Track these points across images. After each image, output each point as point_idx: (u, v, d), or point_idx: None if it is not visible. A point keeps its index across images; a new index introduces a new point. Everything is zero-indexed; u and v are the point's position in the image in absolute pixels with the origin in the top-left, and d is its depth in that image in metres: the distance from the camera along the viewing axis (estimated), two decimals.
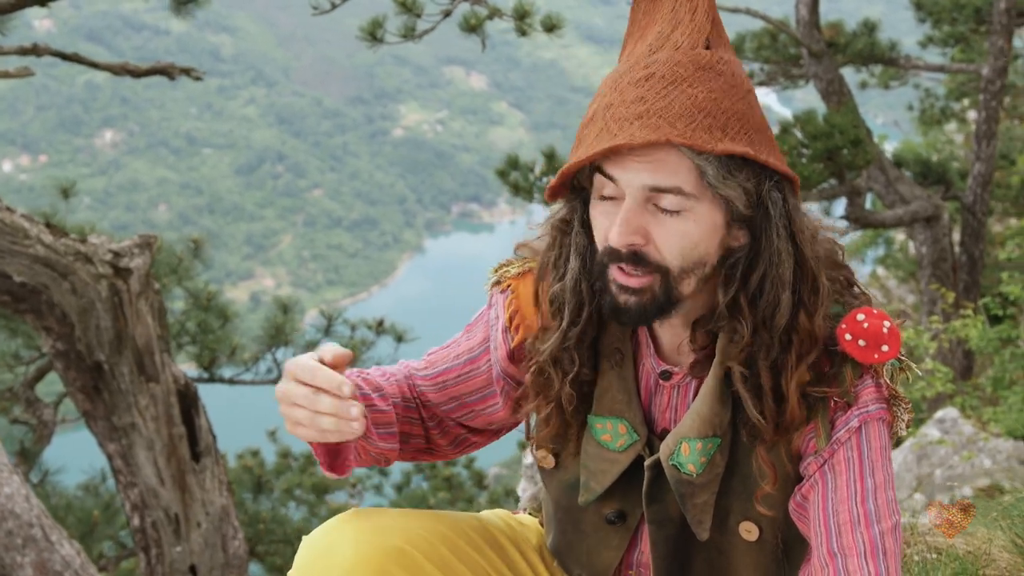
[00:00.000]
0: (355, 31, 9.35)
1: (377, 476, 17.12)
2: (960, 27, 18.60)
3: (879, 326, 2.41)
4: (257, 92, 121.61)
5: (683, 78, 2.33)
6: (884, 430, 2.48)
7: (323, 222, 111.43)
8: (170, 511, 7.52)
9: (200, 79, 8.90)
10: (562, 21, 9.39)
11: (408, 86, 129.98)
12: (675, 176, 2.31)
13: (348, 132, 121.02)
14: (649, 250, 2.36)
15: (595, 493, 2.69)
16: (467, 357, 2.82)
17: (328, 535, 2.66)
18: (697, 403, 2.53)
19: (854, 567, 2.40)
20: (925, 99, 25.75)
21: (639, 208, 2.34)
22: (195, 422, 7.67)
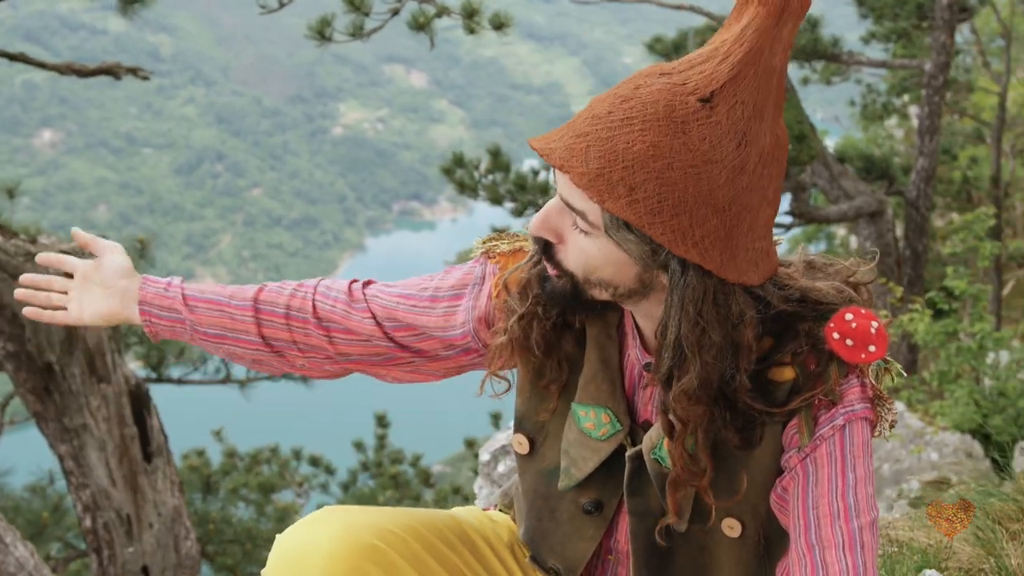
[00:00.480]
0: (296, 30, 9.32)
1: (323, 475, 17.10)
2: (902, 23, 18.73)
3: (867, 326, 2.41)
4: (196, 92, 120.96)
5: (642, 120, 2.25)
6: (867, 429, 2.50)
7: (263, 221, 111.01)
8: (122, 512, 7.47)
9: (147, 79, 8.85)
10: (510, 19, 9.39)
11: (348, 84, 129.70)
12: (584, 202, 2.29)
13: (288, 131, 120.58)
14: (559, 250, 2.39)
15: (575, 479, 2.70)
16: (431, 293, 2.82)
17: (302, 534, 2.64)
18: None
19: (832, 559, 2.41)
20: (867, 95, 25.94)
21: (559, 211, 2.35)
22: (147, 422, 7.62)
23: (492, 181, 16.00)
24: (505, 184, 16.04)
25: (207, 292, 2.87)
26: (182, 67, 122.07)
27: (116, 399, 7.37)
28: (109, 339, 7.35)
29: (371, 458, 16.97)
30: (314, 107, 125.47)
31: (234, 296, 2.87)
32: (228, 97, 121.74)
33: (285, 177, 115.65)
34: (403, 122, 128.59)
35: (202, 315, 2.85)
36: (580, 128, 2.29)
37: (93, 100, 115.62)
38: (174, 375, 10.38)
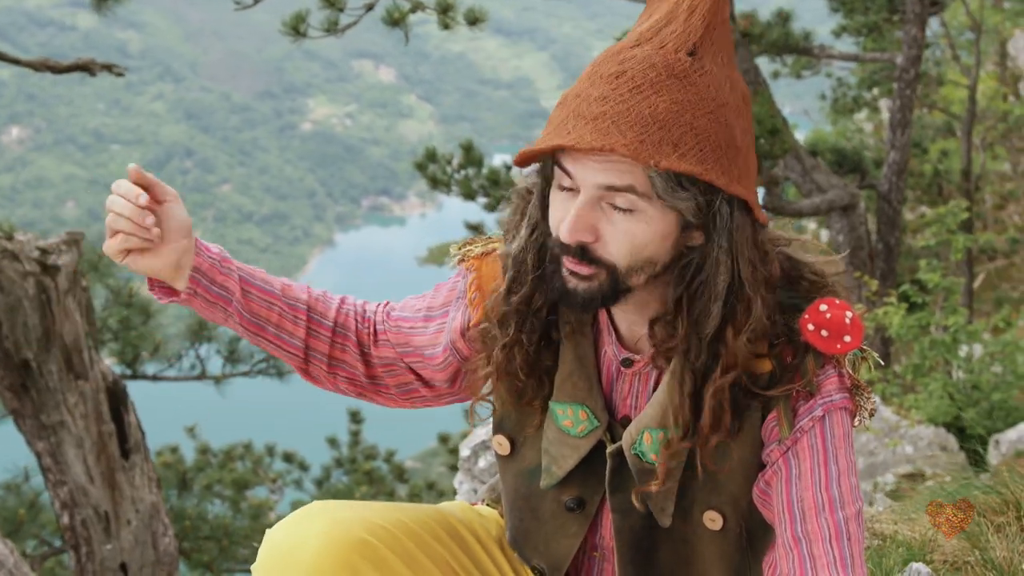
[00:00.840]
0: (265, 26, 9.34)
1: (297, 472, 17.07)
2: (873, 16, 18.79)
3: (841, 316, 2.43)
4: (165, 88, 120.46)
5: (650, 83, 2.32)
6: (847, 419, 2.52)
7: (233, 217, 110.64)
8: (100, 509, 7.45)
9: (121, 75, 8.82)
10: (484, 14, 9.37)
11: (317, 80, 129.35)
12: (628, 176, 2.32)
13: (257, 127, 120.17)
14: (597, 247, 2.38)
15: (556, 478, 2.71)
16: (424, 314, 2.85)
17: (291, 529, 2.64)
18: (659, 393, 2.55)
19: (819, 551, 2.42)
20: (838, 88, 26.04)
21: (592, 205, 2.36)
22: (124, 419, 7.61)
23: (465, 176, 16.00)
24: (478, 179, 16.03)
25: (256, 278, 2.80)
26: (150, 63, 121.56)
27: (94, 396, 7.35)
28: (86, 335, 7.33)
29: (345, 454, 16.96)
30: (283, 103, 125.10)
31: (286, 293, 2.82)
32: (197, 93, 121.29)
33: (254, 173, 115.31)
34: (372, 117, 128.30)
35: (254, 303, 2.78)
36: (591, 111, 2.31)
37: (61, 97, 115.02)
38: (149, 372, 10.35)
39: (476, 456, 5.35)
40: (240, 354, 10.54)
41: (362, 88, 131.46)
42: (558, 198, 2.43)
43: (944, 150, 25.21)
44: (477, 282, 2.77)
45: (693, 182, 2.33)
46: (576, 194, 2.38)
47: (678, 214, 2.38)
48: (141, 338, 10.16)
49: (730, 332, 2.44)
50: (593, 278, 2.40)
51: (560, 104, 2.41)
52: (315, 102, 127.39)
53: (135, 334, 10.13)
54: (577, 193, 2.37)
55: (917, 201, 24.27)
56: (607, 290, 2.41)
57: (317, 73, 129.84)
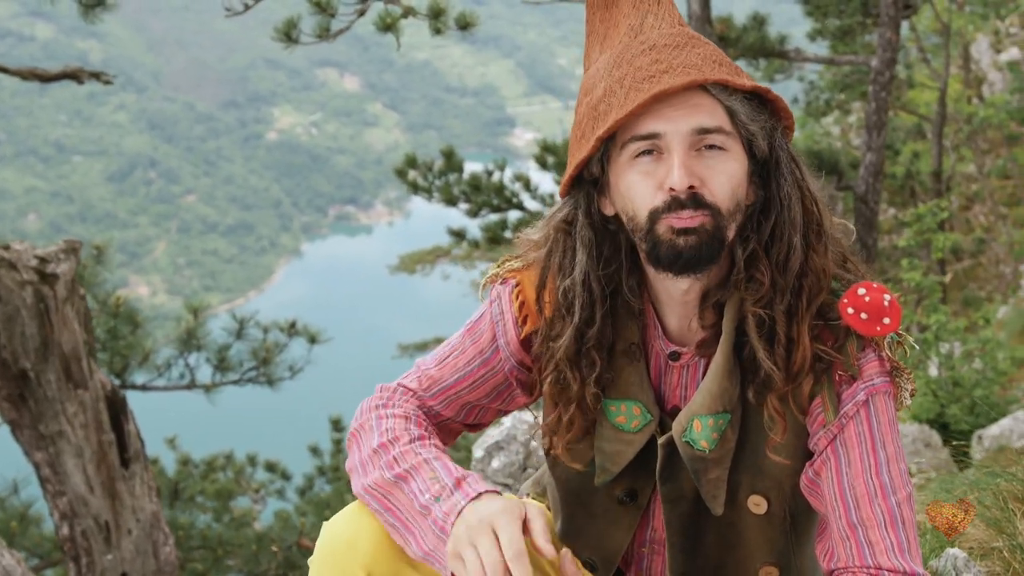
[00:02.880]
0: (228, 35, 9.33)
1: (279, 481, 16.99)
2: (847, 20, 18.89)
3: (880, 299, 2.49)
4: (127, 98, 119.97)
5: (683, 44, 2.48)
6: (890, 403, 2.57)
7: (198, 228, 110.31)
8: (100, 519, 7.42)
9: (110, 83, 8.81)
10: (475, 18, 9.42)
11: (282, 89, 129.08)
12: (715, 116, 2.45)
13: (221, 136, 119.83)
14: (704, 192, 2.45)
15: (611, 474, 2.75)
16: (480, 360, 2.84)
17: (350, 521, 2.68)
18: (707, 381, 2.60)
19: (876, 537, 2.48)
20: (810, 91, 26.18)
21: (689, 153, 2.45)
22: (124, 428, 7.58)
23: (445, 182, 16.04)
24: (459, 185, 16.08)
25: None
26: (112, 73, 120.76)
27: (93, 405, 7.32)
28: (84, 344, 7.30)
29: (328, 463, 16.90)
30: (247, 112, 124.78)
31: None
32: (160, 103, 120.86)
33: (219, 183, 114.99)
34: (337, 126, 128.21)
35: None
36: (655, 71, 2.44)
37: (21, 108, 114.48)
38: (138, 381, 10.31)
39: (490, 457, 5.37)
40: (230, 362, 10.52)
41: (327, 97, 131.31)
42: (638, 171, 2.49)
43: (916, 152, 25.36)
44: (522, 295, 2.79)
45: (760, 112, 2.50)
46: (660, 156, 2.46)
47: (749, 157, 2.51)
48: (130, 348, 10.12)
49: (813, 257, 2.54)
50: (699, 230, 2.45)
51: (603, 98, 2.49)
52: (280, 111, 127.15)
53: (123, 344, 10.09)
54: (662, 154, 2.46)
55: (889, 203, 24.41)
56: (717, 238, 2.47)
57: (282, 82, 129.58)
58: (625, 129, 2.47)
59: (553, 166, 15.99)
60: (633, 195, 2.50)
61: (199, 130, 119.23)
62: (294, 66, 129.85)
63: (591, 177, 2.58)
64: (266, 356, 10.55)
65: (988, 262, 24.76)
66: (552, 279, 2.68)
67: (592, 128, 2.49)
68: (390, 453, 2.63)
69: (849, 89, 24.68)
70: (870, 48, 20.96)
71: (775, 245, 2.52)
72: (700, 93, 2.44)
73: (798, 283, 2.52)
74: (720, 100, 2.45)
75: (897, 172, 23.71)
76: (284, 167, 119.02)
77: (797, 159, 2.57)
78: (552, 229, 2.67)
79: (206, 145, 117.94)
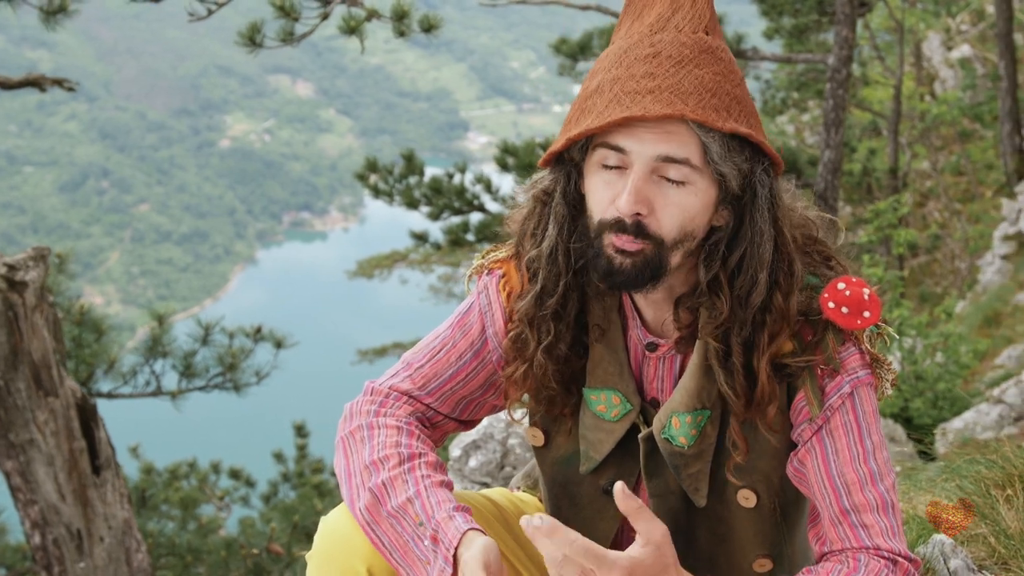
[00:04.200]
0: (179, 42, 9.29)
1: (244, 488, 16.93)
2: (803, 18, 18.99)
3: (860, 293, 2.53)
4: (78, 107, 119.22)
5: (689, 59, 2.46)
6: (872, 394, 2.62)
7: (152, 237, 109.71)
8: (72, 527, 7.38)
9: (73, 90, 8.78)
10: (439, 21, 9.43)
11: (234, 96, 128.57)
12: (685, 148, 2.44)
13: (174, 145, 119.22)
14: (650, 221, 2.47)
15: (595, 462, 2.79)
16: (471, 353, 2.85)
17: (347, 516, 2.70)
18: (685, 378, 2.65)
19: (871, 520, 2.54)
20: (766, 90, 26.30)
21: (646, 178, 2.46)
22: (95, 435, 7.54)
23: (407, 185, 16.04)
24: (420, 188, 16.09)
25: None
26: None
27: (64, 412, 7.28)
28: (54, 351, 7.26)
29: (292, 469, 16.85)
30: (200, 120, 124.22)
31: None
32: (111, 112, 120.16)
33: (173, 191, 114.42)
34: (290, 132, 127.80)
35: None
36: (642, 87, 2.43)
37: None
38: (103, 389, 10.24)
39: (467, 456, 5.38)
40: (196, 368, 10.46)
41: (280, 103, 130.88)
42: (601, 179, 2.52)
43: (872, 149, 25.51)
44: (509, 284, 2.82)
45: (739, 150, 2.48)
46: (624, 171, 2.48)
47: (719, 188, 2.50)
48: (95, 356, 10.04)
49: (777, 297, 2.55)
50: (638, 254, 2.47)
51: (593, 93, 2.50)
52: (232, 118, 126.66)
53: (88, 352, 10.02)
54: (626, 170, 2.47)
55: (846, 200, 24.54)
56: (653, 265, 2.49)
57: (234, 89, 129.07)
58: (600, 131, 2.49)
59: (514, 167, 16.01)
60: (592, 199, 2.55)
61: (151, 139, 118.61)
62: (246, 73, 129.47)
63: (571, 160, 2.61)
64: (232, 362, 10.50)
65: (944, 258, 24.93)
66: (524, 243, 2.72)
67: (576, 121, 2.51)
68: (379, 475, 2.63)
69: (804, 87, 24.83)
70: (824, 46, 21.10)
71: (739, 277, 2.55)
72: (678, 121, 2.44)
73: (761, 317, 2.55)
74: (697, 134, 2.45)
75: (854, 169, 23.86)
76: (238, 174, 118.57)
77: (777, 197, 2.57)
78: (532, 197, 2.71)
79: (159, 154, 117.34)
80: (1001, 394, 9.75)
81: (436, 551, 2.50)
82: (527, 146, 16.24)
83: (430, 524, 2.53)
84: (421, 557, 2.53)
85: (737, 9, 23.58)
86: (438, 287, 32.78)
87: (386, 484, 2.61)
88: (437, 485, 2.62)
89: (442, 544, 2.49)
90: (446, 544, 2.48)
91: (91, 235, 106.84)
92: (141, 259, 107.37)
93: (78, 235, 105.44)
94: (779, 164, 2.55)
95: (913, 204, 26.85)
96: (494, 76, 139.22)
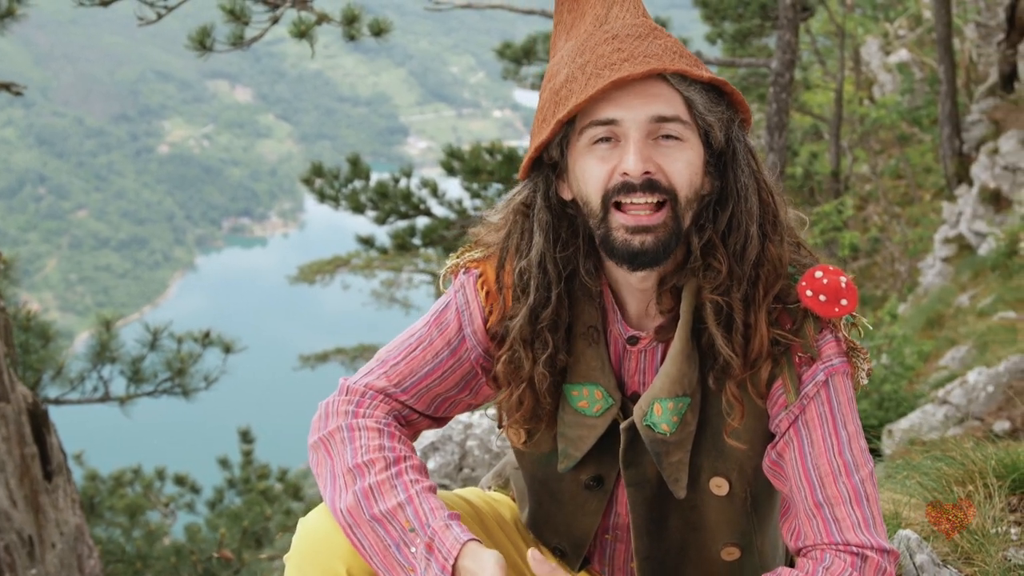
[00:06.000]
0: (116, 48, 9.23)
1: (189, 494, 16.84)
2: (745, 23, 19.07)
3: (837, 281, 2.56)
4: (15, 113, 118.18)
5: (645, 34, 2.56)
6: (848, 382, 2.64)
7: (90, 243, 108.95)
8: (23, 533, 7.33)
9: (20, 94, 8.72)
10: (388, 25, 9.43)
11: (172, 102, 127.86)
12: (673, 105, 2.52)
13: (112, 151, 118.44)
14: (660, 178, 2.51)
15: (574, 459, 2.79)
16: (448, 351, 2.85)
17: (326, 518, 2.70)
18: (666, 365, 2.66)
19: (842, 514, 2.56)
20: None
21: (645, 140, 2.51)
22: (46, 441, 7.50)
23: (352, 190, 16.03)
24: (366, 192, 16.08)
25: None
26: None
27: (15, 418, 7.23)
28: (5, 356, 7.21)
29: (238, 475, 16.78)
30: (138, 125, 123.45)
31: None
32: (48, 118, 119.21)
33: (111, 198, 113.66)
34: (229, 138, 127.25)
35: None
36: (616, 58, 2.51)
37: None
38: (51, 395, 10.18)
39: (426, 457, 5.38)
40: (144, 374, 10.41)
41: (218, 109, 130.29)
42: (594, 156, 2.56)
43: (814, 152, 25.68)
44: (487, 284, 2.81)
45: (717, 103, 2.57)
46: (618, 142, 2.53)
47: (705, 147, 2.58)
48: (42, 362, 9.99)
49: (769, 247, 2.60)
50: (659, 227, 2.52)
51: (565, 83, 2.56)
52: (171, 124, 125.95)
53: (35, 358, 9.97)
54: (619, 141, 2.53)
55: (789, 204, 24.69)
56: (674, 232, 2.54)
57: (172, 95, 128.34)
58: (584, 114, 2.53)
59: (460, 171, 16.02)
60: (588, 178, 2.57)
61: (89, 145, 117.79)
62: (184, 78, 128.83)
63: (550, 161, 2.64)
64: (181, 367, 10.46)
65: (883, 261, 25.11)
66: (510, 260, 2.72)
67: (553, 112, 2.54)
68: (366, 479, 2.63)
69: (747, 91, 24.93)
70: (766, 51, 21.21)
71: (732, 234, 2.58)
72: (659, 82, 2.50)
73: (755, 272, 2.58)
74: (679, 90, 2.51)
75: (796, 173, 24.01)
76: (177, 180, 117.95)
77: (753, 151, 2.63)
78: (511, 212, 2.72)
79: (97, 160, 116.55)
80: (946, 395, 9.83)
81: (430, 559, 2.50)
82: (473, 150, 16.24)
83: (424, 532, 2.53)
84: (404, 564, 2.54)
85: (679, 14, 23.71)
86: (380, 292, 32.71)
87: (372, 488, 2.61)
88: (427, 491, 2.63)
89: (438, 553, 2.50)
90: (444, 553, 2.49)
91: (28, 242, 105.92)
92: (79, 266, 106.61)
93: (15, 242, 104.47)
94: (749, 118, 2.62)
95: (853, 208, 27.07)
96: (434, 81, 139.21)
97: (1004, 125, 20.01)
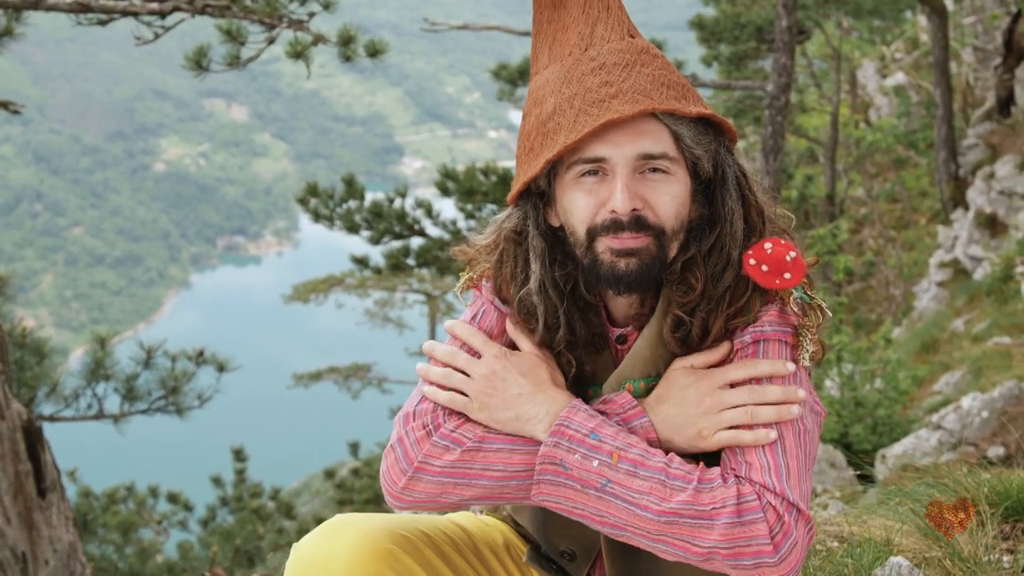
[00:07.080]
0: (113, 67, 9.24)
1: (182, 512, 16.84)
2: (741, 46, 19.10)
3: (783, 254, 2.55)
4: (12, 131, 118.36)
5: (632, 62, 2.55)
6: (785, 351, 2.61)
7: (85, 260, 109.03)
8: (17, 550, 7.31)
9: (18, 112, 8.73)
10: (385, 46, 9.44)
11: (169, 120, 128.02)
12: (660, 142, 2.52)
13: (108, 168, 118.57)
14: (647, 213, 2.52)
15: None
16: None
17: (321, 542, 2.68)
18: (639, 346, 2.68)
19: (752, 458, 2.51)
20: None
21: (632, 176, 2.52)
22: (40, 458, 7.47)
23: (347, 210, 16.05)
24: (361, 212, 16.09)
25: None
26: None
27: (10, 435, 7.21)
28: (0, 373, 7.20)
29: (230, 492, 16.77)
30: (135, 143, 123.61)
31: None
32: (45, 135, 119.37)
33: (107, 215, 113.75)
34: (225, 156, 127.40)
35: None
36: (604, 95, 2.51)
37: None
38: (45, 412, 10.15)
39: None
40: (138, 391, 10.39)
41: (215, 127, 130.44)
42: (581, 189, 2.57)
43: (809, 175, 25.71)
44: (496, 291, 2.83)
45: (704, 133, 2.57)
46: (605, 177, 2.54)
47: (693, 177, 2.58)
48: (36, 378, 9.96)
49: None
50: (643, 251, 2.53)
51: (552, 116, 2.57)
52: (167, 142, 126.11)
53: (31, 374, 9.94)
54: (606, 176, 2.53)
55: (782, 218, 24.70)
56: (657, 259, 2.55)
57: (168, 113, 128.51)
58: (572, 151, 2.53)
59: (454, 192, 16.04)
60: (575, 210, 2.58)
61: (86, 162, 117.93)
62: (181, 97, 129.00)
63: (538, 190, 2.65)
64: (175, 385, 10.44)
65: (878, 284, 25.13)
66: (505, 287, 2.74)
67: (541, 145, 2.55)
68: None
69: (742, 114, 24.98)
70: (762, 74, 21.25)
71: (713, 255, 2.60)
72: (648, 119, 2.51)
73: (727, 293, 2.60)
74: (667, 125, 2.52)
75: (791, 196, 24.04)
76: (172, 198, 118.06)
77: (745, 172, 2.64)
78: (502, 238, 2.73)
79: (93, 177, 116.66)
80: (940, 420, 9.84)
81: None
82: (468, 171, 16.26)
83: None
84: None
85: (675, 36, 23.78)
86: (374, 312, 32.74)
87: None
88: None
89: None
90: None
91: (24, 258, 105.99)
92: (74, 282, 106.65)
93: (11, 258, 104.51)
94: (734, 137, 2.64)
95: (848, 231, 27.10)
96: (429, 101, 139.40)
97: (1000, 149, 20.03)
